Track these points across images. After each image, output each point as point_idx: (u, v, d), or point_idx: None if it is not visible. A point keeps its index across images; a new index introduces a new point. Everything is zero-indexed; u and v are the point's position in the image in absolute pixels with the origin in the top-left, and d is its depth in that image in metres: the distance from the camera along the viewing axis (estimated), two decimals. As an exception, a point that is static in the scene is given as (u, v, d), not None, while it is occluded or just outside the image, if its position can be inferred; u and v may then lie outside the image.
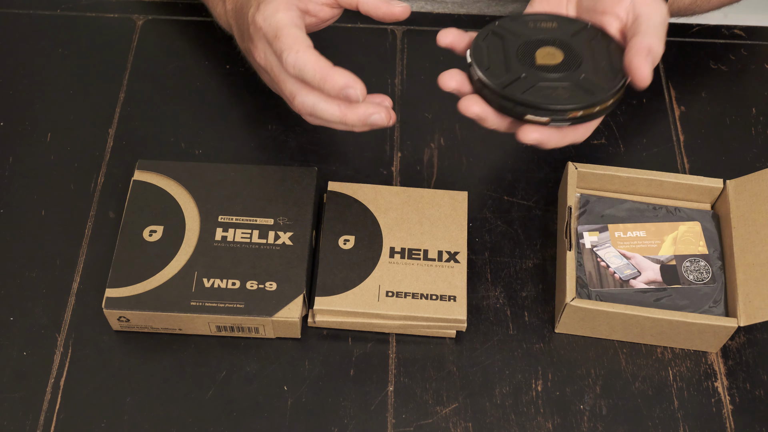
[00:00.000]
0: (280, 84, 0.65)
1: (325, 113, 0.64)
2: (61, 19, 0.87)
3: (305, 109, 0.64)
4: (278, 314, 0.66)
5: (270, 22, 0.64)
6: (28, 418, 0.65)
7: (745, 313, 0.66)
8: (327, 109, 0.63)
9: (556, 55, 0.65)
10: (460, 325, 0.67)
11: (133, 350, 0.68)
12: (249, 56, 0.70)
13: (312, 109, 0.64)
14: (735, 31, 0.89)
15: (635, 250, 0.71)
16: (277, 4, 0.65)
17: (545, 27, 0.68)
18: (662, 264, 0.70)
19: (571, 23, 0.68)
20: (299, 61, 0.62)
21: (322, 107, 0.63)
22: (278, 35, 0.63)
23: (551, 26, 0.68)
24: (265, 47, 0.65)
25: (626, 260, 0.70)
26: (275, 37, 0.63)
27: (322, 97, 0.63)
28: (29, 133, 0.79)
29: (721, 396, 0.67)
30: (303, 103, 0.64)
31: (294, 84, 0.64)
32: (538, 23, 0.68)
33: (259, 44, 0.66)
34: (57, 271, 0.71)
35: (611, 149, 0.80)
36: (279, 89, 0.66)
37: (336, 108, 0.63)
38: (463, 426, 0.66)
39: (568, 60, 0.65)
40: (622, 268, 0.70)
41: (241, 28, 0.70)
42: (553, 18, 0.68)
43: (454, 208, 0.72)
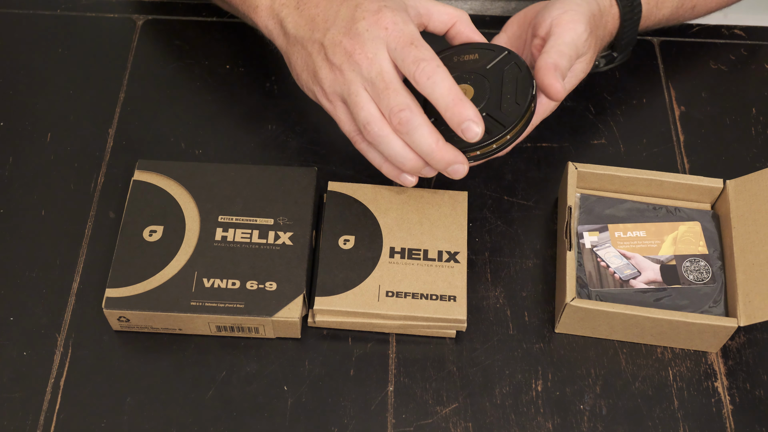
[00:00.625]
0: (386, 94, 0.61)
1: (422, 138, 0.61)
2: (61, 19, 0.87)
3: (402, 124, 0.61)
4: (278, 314, 0.66)
5: (402, 27, 0.62)
6: (28, 418, 0.65)
7: (745, 313, 0.66)
8: (426, 135, 0.61)
9: (467, 91, 0.66)
10: (460, 325, 0.67)
11: (133, 350, 0.68)
12: (316, 54, 0.65)
13: (409, 127, 0.61)
14: (735, 31, 0.89)
15: (635, 250, 0.71)
16: (405, 15, 0.63)
17: (466, 59, 0.68)
18: (662, 264, 0.70)
19: (491, 52, 0.68)
20: (438, 74, 0.60)
21: (424, 131, 0.61)
22: (415, 43, 0.61)
23: (472, 58, 0.68)
24: (381, 50, 0.62)
25: (626, 260, 0.70)
26: (410, 44, 0.61)
27: (427, 121, 0.61)
28: (29, 133, 0.79)
29: (721, 396, 0.67)
30: (405, 119, 0.61)
31: (405, 98, 0.61)
32: (461, 56, 0.68)
33: (369, 45, 0.62)
34: (57, 271, 0.71)
35: (611, 149, 0.80)
36: (368, 102, 0.62)
37: (434, 138, 0.61)
38: (463, 426, 0.66)
39: (476, 97, 0.66)
40: (622, 268, 0.70)
41: (314, 20, 0.65)
42: (475, 48, 0.68)
43: (454, 208, 0.72)
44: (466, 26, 0.68)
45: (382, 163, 0.66)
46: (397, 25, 0.62)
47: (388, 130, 0.63)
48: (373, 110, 0.63)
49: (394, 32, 0.62)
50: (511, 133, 0.64)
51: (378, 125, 0.62)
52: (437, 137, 0.62)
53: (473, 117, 0.60)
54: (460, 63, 0.68)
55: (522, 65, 0.66)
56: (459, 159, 0.63)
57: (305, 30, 0.66)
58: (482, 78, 0.67)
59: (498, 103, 0.65)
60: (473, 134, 0.61)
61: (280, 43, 0.69)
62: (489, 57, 0.68)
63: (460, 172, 0.64)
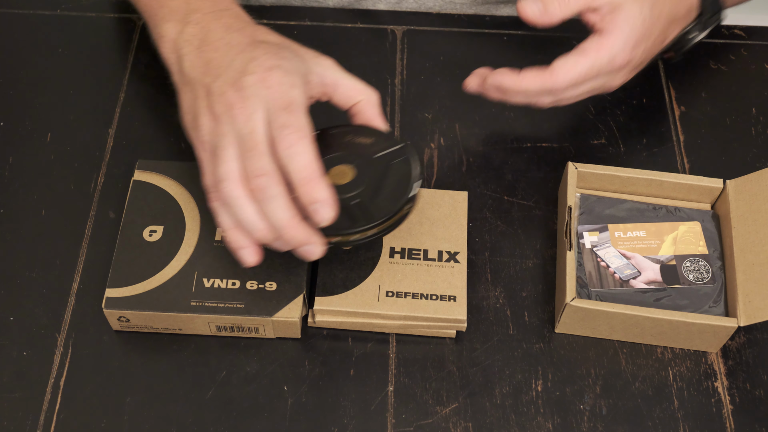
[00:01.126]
0: (250, 155, 0.59)
1: (276, 210, 0.59)
2: (61, 19, 0.87)
3: (258, 185, 0.58)
4: (278, 314, 0.66)
5: (285, 90, 0.59)
6: (28, 418, 0.65)
7: (745, 313, 0.66)
8: (282, 207, 0.59)
9: (348, 174, 0.65)
10: (460, 325, 0.67)
11: (133, 350, 0.68)
12: (201, 99, 0.63)
13: (265, 194, 0.58)
14: (735, 31, 0.89)
15: (635, 250, 0.71)
16: (295, 79, 0.60)
17: (360, 142, 0.67)
18: (662, 264, 0.70)
19: (386, 141, 0.66)
20: (299, 146, 0.58)
21: (280, 202, 0.58)
22: (289, 108, 0.59)
23: (366, 142, 0.67)
24: (260, 109, 0.59)
25: (626, 260, 0.70)
26: (284, 108, 0.59)
27: (285, 193, 0.59)
28: (29, 133, 0.79)
29: (721, 396, 0.67)
30: (263, 185, 0.58)
31: (268, 163, 0.58)
32: (356, 137, 0.67)
33: (249, 101, 0.59)
34: (57, 271, 0.71)
35: (611, 149, 0.80)
36: (232, 159, 0.59)
37: (289, 213, 0.59)
38: (463, 426, 0.66)
39: (354, 182, 0.64)
40: (622, 268, 0.70)
41: (209, 64, 0.63)
42: (373, 134, 0.67)
43: (454, 208, 0.72)
44: (369, 107, 0.66)
45: (229, 228, 0.61)
46: (281, 86, 0.59)
47: (241, 192, 0.59)
48: (233, 168, 0.59)
49: (274, 93, 0.59)
50: (375, 229, 0.63)
51: (232, 185, 0.59)
52: (293, 213, 0.59)
53: (325, 199, 0.58)
54: (353, 144, 0.66)
55: (414, 163, 0.65)
56: (312, 240, 0.60)
57: (198, 72, 0.63)
58: (368, 165, 0.65)
59: (374, 195, 0.64)
60: (321, 217, 0.58)
61: (175, 80, 0.67)
62: (382, 145, 0.66)
63: (313, 254, 0.61)
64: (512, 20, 0.89)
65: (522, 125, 0.81)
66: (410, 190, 0.64)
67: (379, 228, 0.63)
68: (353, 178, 0.64)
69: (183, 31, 0.66)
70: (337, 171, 0.65)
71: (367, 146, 0.66)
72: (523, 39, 0.88)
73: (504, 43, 0.87)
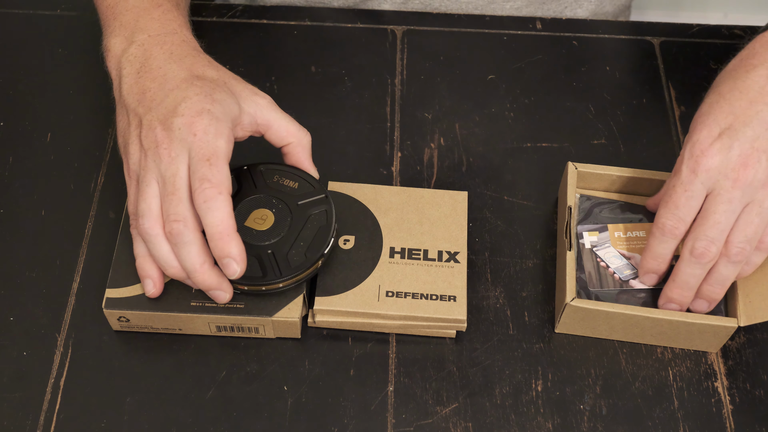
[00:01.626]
0: (170, 198, 0.61)
1: (189, 255, 0.61)
2: (61, 19, 0.87)
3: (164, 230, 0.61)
4: (278, 314, 0.66)
5: (209, 139, 0.61)
6: (28, 418, 0.65)
7: (745, 313, 0.66)
8: (194, 254, 0.61)
9: (267, 220, 0.66)
10: (460, 325, 0.67)
11: (133, 350, 0.68)
12: (134, 128, 0.64)
13: (179, 239, 0.61)
14: (735, 31, 0.89)
15: (635, 250, 0.71)
16: (222, 126, 0.61)
17: (285, 184, 0.68)
18: None
19: (310, 189, 0.68)
20: (216, 201, 0.60)
21: (192, 249, 0.61)
22: (211, 160, 0.60)
23: (291, 185, 0.68)
24: (183, 154, 0.61)
25: (626, 260, 0.70)
26: (206, 159, 0.60)
27: (198, 240, 0.61)
28: (29, 133, 0.79)
29: (721, 396, 0.67)
30: (177, 231, 0.61)
31: (186, 210, 0.61)
32: (282, 179, 0.68)
33: (175, 144, 0.61)
34: (57, 271, 0.71)
35: (611, 149, 0.80)
36: (153, 197, 0.62)
37: (200, 260, 0.61)
38: (463, 426, 0.66)
39: (272, 229, 0.66)
40: (622, 268, 0.70)
41: (145, 94, 0.64)
42: (300, 177, 0.68)
43: (454, 208, 0.72)
44: (299, 150, 0.68)
45: (141, 256, 0.65)
46: (206, 135, 0.61)
47: (158, 231, 0.62)
48: (153, 207, 0.62)
49: (199, 141, 0.61)
50: (285, 283, 0.65)
51: (150, 223, 0.62)
52: (204, 259, 0.62)
53: (236, 256, 0.60)
54: (278, 185, 0.68)
55: (330, 217, 0.67)
56: (221, 287, 0.63)
57: (134, 100, 0.65)
58: (288, 212, 0.67)
59: (289, 245, 0.66)
60: (232, 271, 0.61)
61: (115, 95, 0.68)
62: (305, 193, 0.68)
63: (220, 298, 0.64)
64: (512, 20, 0.89)
65: (522, 125, 0.81)
66: (326, 246, 0.66)
67: (287, 282, 0.65)
68: (272, 225, 0.66)
69: (127, 50, 0.67)
70: (257, 215, 0.67)
71: (291, 191, 0.68)
72: (523, 39, 0.88)
73: (504, 43, 0.87)
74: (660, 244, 0.65)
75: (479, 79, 0.84)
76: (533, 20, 0.89)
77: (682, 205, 0.64)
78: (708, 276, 0.65)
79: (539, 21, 0.89)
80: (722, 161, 0.62)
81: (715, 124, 0.64)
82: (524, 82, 0.84)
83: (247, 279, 0.64)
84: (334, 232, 0.66)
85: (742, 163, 0.62)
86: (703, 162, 0.63)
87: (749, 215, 0.63)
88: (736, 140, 0.62)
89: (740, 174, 0.62)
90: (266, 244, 0.66)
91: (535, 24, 0.89)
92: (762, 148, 0.62)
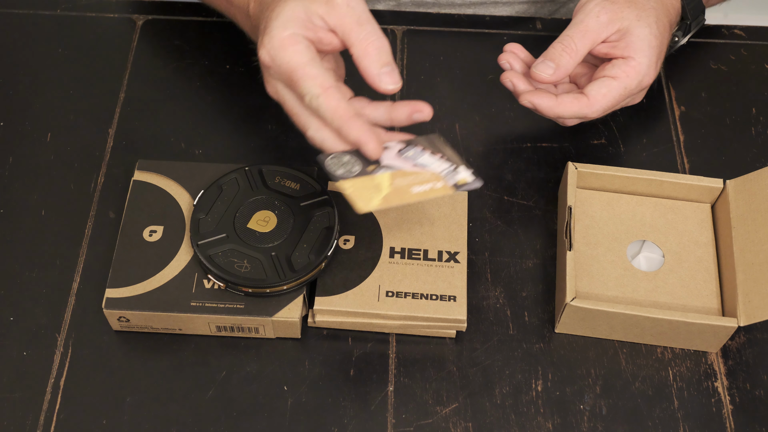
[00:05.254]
0: (295, 117, 0.64)
1: (334, 149, 0.63)
2: (61, 19, 0.87)
3: (316, 141, 0.64)
4: (278, 314, 0.66)
5: (280, 62, 0.62)
6: (28, 418, 0.65)
7: (745, 313, 0.66)
8: (336, 147, 0.63)
9: (270, 221, 0.67)
10: (460, 325, 0.67)
11: (133, 350, 0.68)
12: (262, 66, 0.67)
13: (322, 144, 0.63)
14: (735, 31, 0.89)
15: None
16: (281, 37, 0.62)
17: (286, 185, 0.69)
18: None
19: (312, 190, 0.68)
20: (321, 106, 0.61)
21: (330, 144, 0.63)
22: (293, 78, 0.61)
23: (292, 187, 0.69)
24: (279, 85, 0.64)
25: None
26: (291, 81, 0.62)
27: (334, 135, 0.63)
28: (29, 133, 0.79)
29: (721, 396, 0.67)
30: (314, 137, 0.63)
31: (309, 117, 0.63)
32: (284, 180, 0.69)
33: (270, 80, 0.64)
34: (57, 271, 0.71)
35: (611, 149, 0.80)
36: (292, 118, 0.65)
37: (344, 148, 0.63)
38: (463, 426, 0.66)
39: (275, 231, 0.67)
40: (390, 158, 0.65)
41: (258, 36, 0.67)
42: (300, 179, 0.69)
43: (454, 208, 0.72)
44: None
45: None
46: (274, 60, 0.62)
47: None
48: (302, 128, 0.65)
49: (274, 70, 0.63)
50: (289, 285, 0.65)
51: (308, 138, 0.64)
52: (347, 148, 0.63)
53: (361, 139, 0.61)
54: (280, 187, 0.69)
55: (332, 218, 0.67)
56: (368, 143, 0.62)
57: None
58: (290, 213, 0.67)
59: (292, 247, 0.66)
60: (369, 153, 0.61)
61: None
62: (307, 194, 0.68)
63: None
64: (512, 20, 0.89)
65: (522, 125, 0.81)
66: (329, 247, 0.66)
67: (292, 285, 0.65)
68: (275, 227, 0.67)
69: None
70: (260, 217, 0.67)
71: (293, 192, 0.69)
72: (523, 39, 0.88)
73: (504, 43, 0.87)
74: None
75: (479, 79, 0.84)
76: (533, 20, 0.89)
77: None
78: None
79: (539, 21, 0.89)
80: None
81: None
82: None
83: (251, 281, 0.64)
84: (337, 234, 0.66)
85: None
86: None
87: None
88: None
89: None
90: (270, 246, 0.66)
91: (535, 24, 0.89)
92: None
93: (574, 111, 0.71)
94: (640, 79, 0.71)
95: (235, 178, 0.69)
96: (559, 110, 0.71)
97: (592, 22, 0.71)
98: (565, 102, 0.71)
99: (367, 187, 0.60)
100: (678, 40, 0.80)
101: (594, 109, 0.71)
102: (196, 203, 0.68)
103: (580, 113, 0.71)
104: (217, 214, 0.68)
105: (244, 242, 0.66)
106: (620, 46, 0.71)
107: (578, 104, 0.71)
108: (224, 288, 0.66)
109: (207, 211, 0.68)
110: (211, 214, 0.68)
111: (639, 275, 0.71)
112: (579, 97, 0.71)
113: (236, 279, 0.64)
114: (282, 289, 0.65)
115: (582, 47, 0.71)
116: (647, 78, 0.72)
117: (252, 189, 0.69)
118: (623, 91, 0.71)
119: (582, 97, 0.71)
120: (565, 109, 0.71)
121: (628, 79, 0.71)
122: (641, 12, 0.72)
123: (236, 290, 0.65)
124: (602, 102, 0.71)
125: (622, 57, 0.71)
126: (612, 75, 0.71)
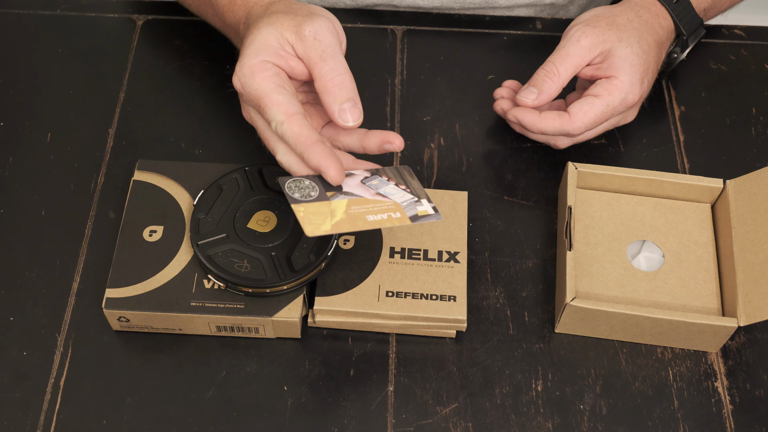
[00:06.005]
0: (266, 141, 0.66)
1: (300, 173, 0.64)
2: (61, 19, 0.87)
3: (284, 165, 0.65)
4: (278, 314, 0.66)
5: (249, 89, 0.64)
6: (28, 418, 0.65)
7: (745, 313, 0.66)
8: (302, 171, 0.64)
9: (270, 221, 0.67)
10: (460, 325, 0.67)
11: (133, 350, 0.68)
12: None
13: (289, 168, 0.64)
14: (735, 31, 0.89)
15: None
16: (251, 64, 0.64)
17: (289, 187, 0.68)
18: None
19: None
20: (285, 132, 0.62)
21: (296, 168, 0.64)
22: (261, 105, 0.63)
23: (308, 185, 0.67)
24: (251, 110, 0.66)
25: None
26: (259, 107, 0.63)
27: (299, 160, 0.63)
28: (29, 133, 0.79)
29: (721, 396, 0.67)
30: (281, 161, 0.64)
31: (277, 142, 0.64)
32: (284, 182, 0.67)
33: (244, 105, 0.67)
34: (57, 271, 0.71)
35: (611, 149, 0.80)
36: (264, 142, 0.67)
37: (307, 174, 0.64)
38: (463, 426, 0.66)
39: (275, 231, 0.67)
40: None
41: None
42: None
43: (454, 208, 0.72)
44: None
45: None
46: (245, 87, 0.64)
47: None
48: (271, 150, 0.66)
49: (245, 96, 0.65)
50: (289, 285, 0.65)
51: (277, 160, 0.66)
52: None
53: (321, 164, 0.61)
54: (279, 187, 0.67)
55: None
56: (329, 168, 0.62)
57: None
58: (290, 214, 0.67)
59: (293, 247, 0.66)
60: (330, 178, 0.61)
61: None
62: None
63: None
64: (512, 20, 0.89)
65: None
66: (329, 247, 0.66)
67: (292, 285, 0.65)
68: (275, 227, 0.67)
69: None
70: (261, 217, 0.67)
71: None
72: (523, 39, 0.88)
73: (504, 43, 0.87)
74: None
75: (479, 79, 0.84)
76: (533, 20, 0.89)
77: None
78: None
79: (539, 21, 0.89)
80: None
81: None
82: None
83: (251, 281, 0.64)
84: (337, 234, 0.66)
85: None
86: None
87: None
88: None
89: None
90: (270, 246, 0.66)
91: (535, 24, 0.89)
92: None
93: (556, 127, 0.73)
94: (623, 97, 0.73)
95: (235, 178, 0.69)
96: (541, 125, 0.74)
97: (573, 47, 0.74)
98: (547, 118, 0.74)
99: (320, 212, 0.61)
100: (677, 56, 0.81)
101: (576, 125, 0.73)
102: (196, 203, 0.68)
103: (562, 129, 0.73)
104: (217, 214, 0.68)
105: (244, 242, 0.66)
106: (603, 67, 0.74)
107: (560, 120, 0.73)
108: (224, 288, 0.66)
109: (207, 211, 0.68)
110: (211, 214, 0.68)
111: (639, 275, 0.71)
112: (561, 114, 0.74)
113: (236, 279, 0.64)
114: (282, 289, 0.65)
115: (564, 71, 0.74)
116: (631, 96, 0.74)
117: (252, 189, 0.69)
118: (605, 108, 0.73)
119: (564, 114, 0.74)
120: (547, 125, 0.74)
121: (610, 97, 0.73)
122: (622, 33, 0.74)
123: (236, 290, 0.65)
124: (583, 119, 0.73)
125: (606, 77, 0.74)
126: (594, 93, 0.73)
